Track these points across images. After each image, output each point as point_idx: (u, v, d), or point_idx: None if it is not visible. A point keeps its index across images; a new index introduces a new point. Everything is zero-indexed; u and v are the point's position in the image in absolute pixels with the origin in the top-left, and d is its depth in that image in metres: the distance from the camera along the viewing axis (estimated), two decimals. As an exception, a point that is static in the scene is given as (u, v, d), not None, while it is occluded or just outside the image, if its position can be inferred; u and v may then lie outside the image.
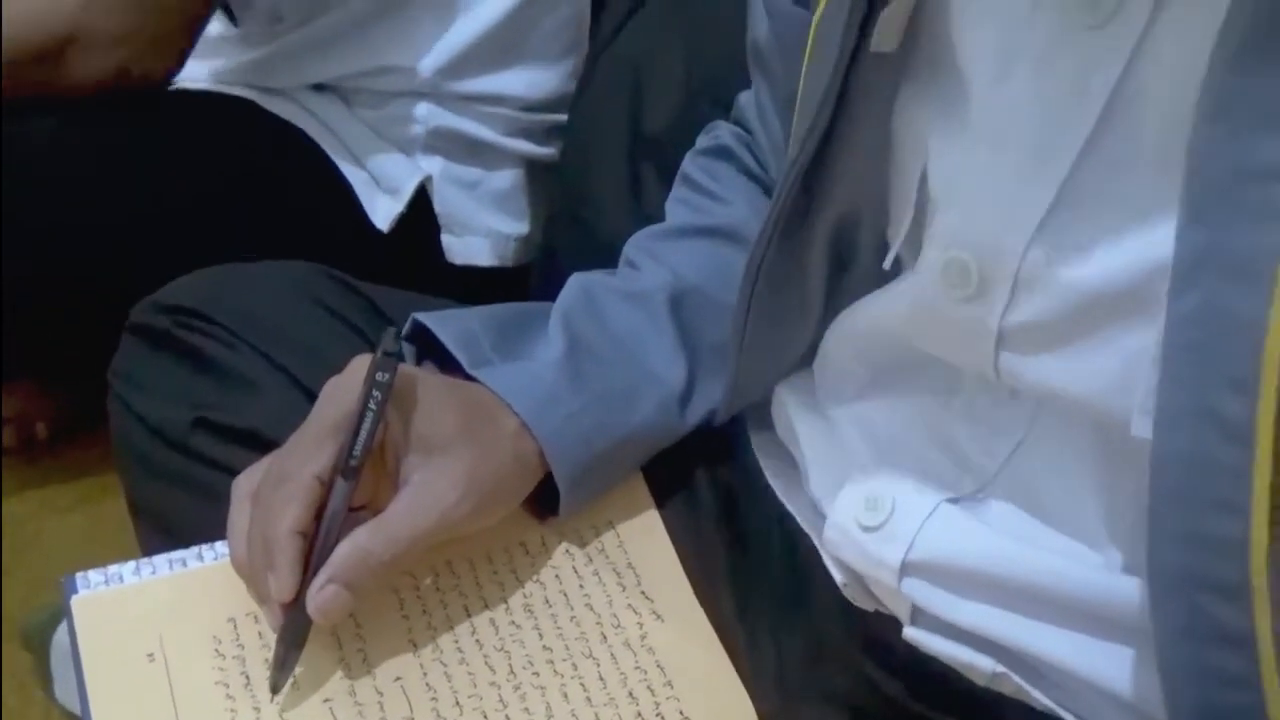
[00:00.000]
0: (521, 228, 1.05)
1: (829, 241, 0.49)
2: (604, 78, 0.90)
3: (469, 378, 0.53)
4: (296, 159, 0.98)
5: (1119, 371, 0.39)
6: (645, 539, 0.57)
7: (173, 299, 0.64)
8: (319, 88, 1.00)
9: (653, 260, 0.61)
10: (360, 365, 0.50)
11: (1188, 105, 0.34)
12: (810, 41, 0.44)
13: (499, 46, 0.98)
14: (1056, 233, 0.39)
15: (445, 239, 1.02)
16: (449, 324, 0.55)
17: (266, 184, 0.98)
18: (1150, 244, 0.36)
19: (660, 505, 0.58)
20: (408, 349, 0.57)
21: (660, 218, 0.67)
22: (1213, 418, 0.34)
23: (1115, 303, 0.39)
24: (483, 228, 1.03)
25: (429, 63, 0.96)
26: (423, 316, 0.56)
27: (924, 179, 0.44)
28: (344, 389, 0.50)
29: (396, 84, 0.98)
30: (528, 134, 1.04)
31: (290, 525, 0.46)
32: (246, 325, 0.62)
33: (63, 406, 1.13)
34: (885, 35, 0.42)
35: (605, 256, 0.66)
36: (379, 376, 0.48)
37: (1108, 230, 0.38)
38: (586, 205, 0.91)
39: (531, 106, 1.02)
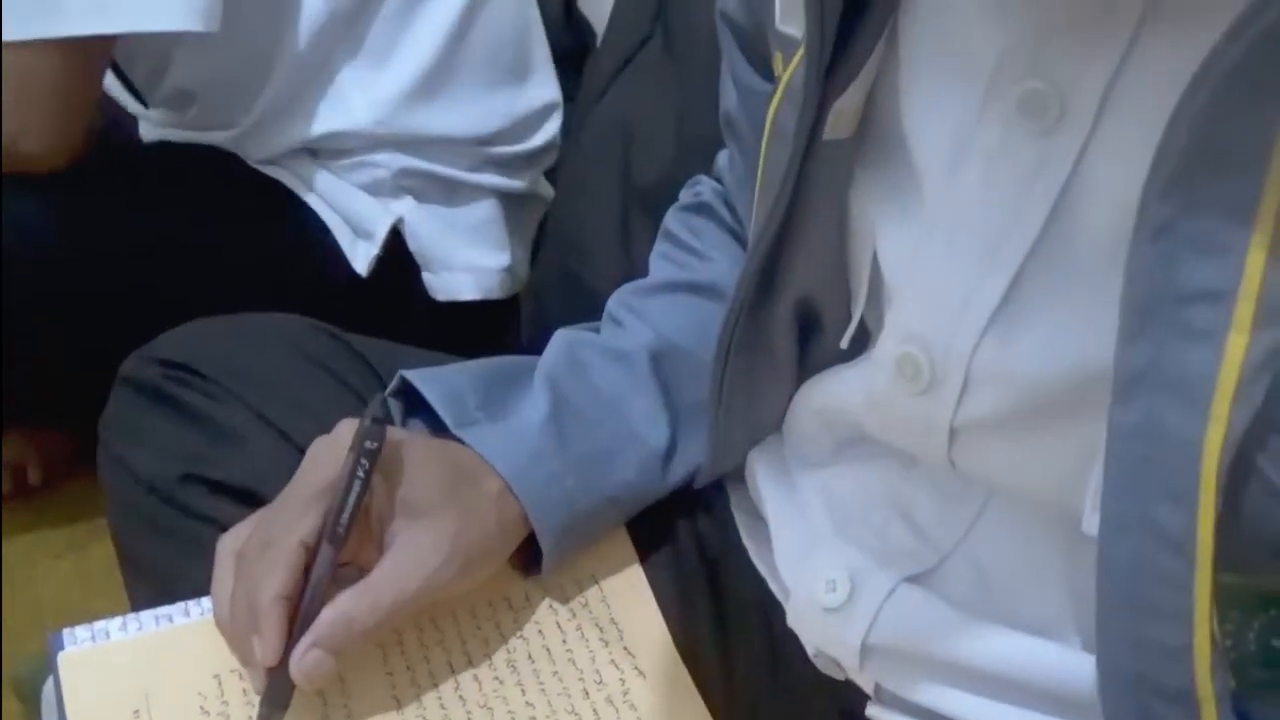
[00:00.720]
0: (503, 259, 1.06)
1: (794, 316, 0.50)
2: (595, 131, 0.91)
3: (455, 435, 0.54)
4: (280, 206, 1.00)
5: (1070, 467, 0.40)
6: (628, 594, 0.57)
7: (163, 352, 0.64)
8: None
9: (635, 317, 0.62)
10: (348, 429, 0.51)
11: (1130, 212, 0.35)
12: (767, 129, 0.45)
13: (432, 87, 0.99)
14: (1005, 331, 0.40)
15: (426, 277, 1.03)
16: (435, 382, 0.56)
17: (252, 231, 1.00)
18: (1097, 344, 0.37)
19: (643, 560, 0.59)
20: (395, 405, 0.58)
21: (646, 265, 0.68)
22: (1155, 529, 0.35)
23: (1064, 400, 0.40)
24: (461, 263, 1.04)
25: (368, 118, 0.98)
26: (410, 374, 0.57)
27: (875, 260, 0.45)
28: (330, 452, 0.50)
29: (348, 141, 0.99)
30: (494, 166, 1.05)
31: (275, 591, 0.47)
32: (236, 379, 0.62)
33: (55, 451, 1.14)
34: (839, 124, 0.43)
35: (594, 306, 0.67)
36: (366, 444, 0.48)
37: (1055, 330, 0.39)
38: (577, 255, 0.92)
39: (488, 140, 1.03)
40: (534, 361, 0.60)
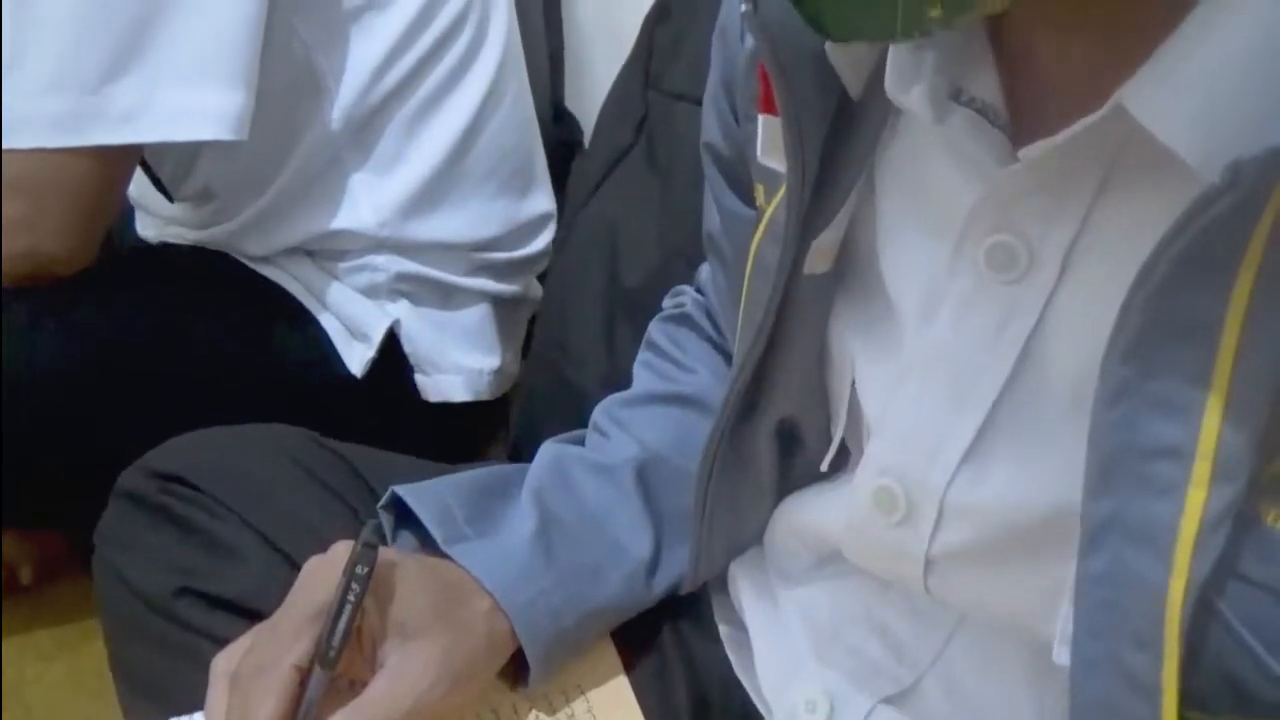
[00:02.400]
0: (493, 361, 1.07)
1: (776, 435, 0.52)
2: (582, 235, 0.94)
3: (444, 552, 0.56)
4: (276, 309, 1.01)
5: (1040, 598, 0.41)
6: (614, 705, 0.58)
7: (160, 465, 0.65)
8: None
9: (620, 429, 0.63)
10: (342, 550, 0.52)
11: (1095, 359, 0.36)
12: (750, 262, 0.48)
13: (436, 194, 1.01)
14: (977, 469, 0.42)
15: (418, 379, 1.05)
16: (425, 498, 0.58)
17: (246, 332, 1.01)
18: (1066, 484, 0.39)
19: (629, 670, 0.60)
20: (386, 517, 0.59)
21: (631, 367, 0.70)
22: (1123, 670, 0.36)
23: (1035, 535, 0.41)
24: (453, 365, 1.05)
25: (372, 219, 0.99)
26: (401, 490, 0.58)
27: (854, 388, 0.47)
28: (324, 573, 0.51)
29: (350, 242, 1.01)
30: (489, 272, 1.07)
31: (268, 714, 0.48)
32: (231, 493, 0.63)
33: (48, 550, 1.14)
34: (818, 259, 0.46)
35: (581, 405, 0.69)
36: (358, 569, 0.49)
37: (1025, 469, 0.41)
38: (564, 355, 0.94)
39: (485, 246, 1.05)
40: (521, 472, 0.62)
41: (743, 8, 0.42)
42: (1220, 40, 0.32)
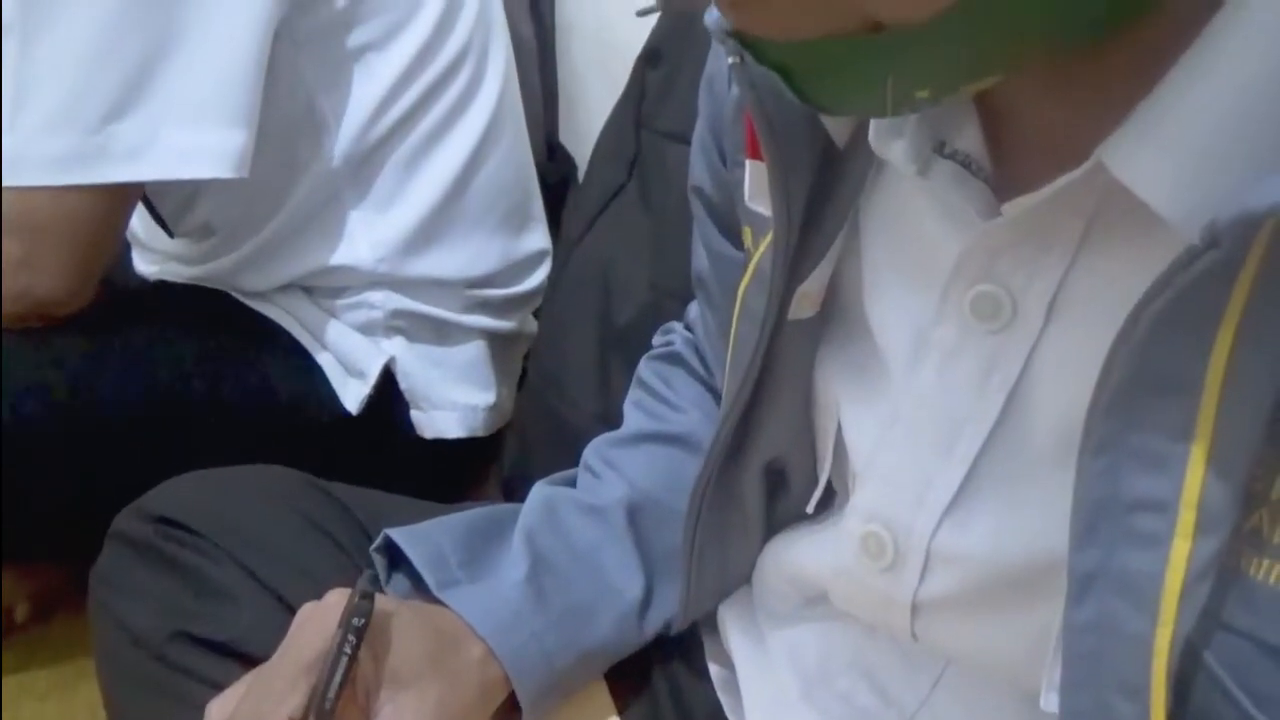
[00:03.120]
0: (488, 397, 1.08)
1: (763, 476, 0.52)
2: (575, 272, 0.95)
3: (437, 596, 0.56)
4: (273, 346, 1.02)
5: (1027, 645, 0.41)
6: (606, 746, 0.59)
7: (155, 508, 0.66)
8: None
9: (611, 470, 0.64)
10: (337, 598, 0.52)
11: (1079, 407, 0.36)
12: (738, 307, 0.48)
13: (434, 231, 1.02)
14: (963, 516, 0.43)
15: (414, 415, 1.05)
16: (418, 542, 0.58)
17: (245, 372, 1.01)
18: (1051, 531, 0.39)
19: (620, 711, 0.60)
20: (379, 560, 0.60)
21: (623, 404, 0.70)
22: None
23: (1022, 582, 0.42)
24: (449, 401, 1.06)
25: (369, 255, 1.00)
26: (394, 533, 0.59)
27: (840, 431, 0.48)
28: (320, 621, 0.51)
29: (347, 279, 1.01)
30: (485, 308, 1.07)
31: None
32: (226, 536, 0.64)
33: (45, 585, 1.14)
34: (803, 304, 0.46)
35: (574, 441, 0.69)
36: (354, 621, 0.50)
37: (1011, 516, 0.41)
38: (557, 391, 0.94)
39: (481, 283, 1.06)
40: (514, 513, 0.62)
41: (730, 60, 0.43)
42: (1199, 99, 0.33)
